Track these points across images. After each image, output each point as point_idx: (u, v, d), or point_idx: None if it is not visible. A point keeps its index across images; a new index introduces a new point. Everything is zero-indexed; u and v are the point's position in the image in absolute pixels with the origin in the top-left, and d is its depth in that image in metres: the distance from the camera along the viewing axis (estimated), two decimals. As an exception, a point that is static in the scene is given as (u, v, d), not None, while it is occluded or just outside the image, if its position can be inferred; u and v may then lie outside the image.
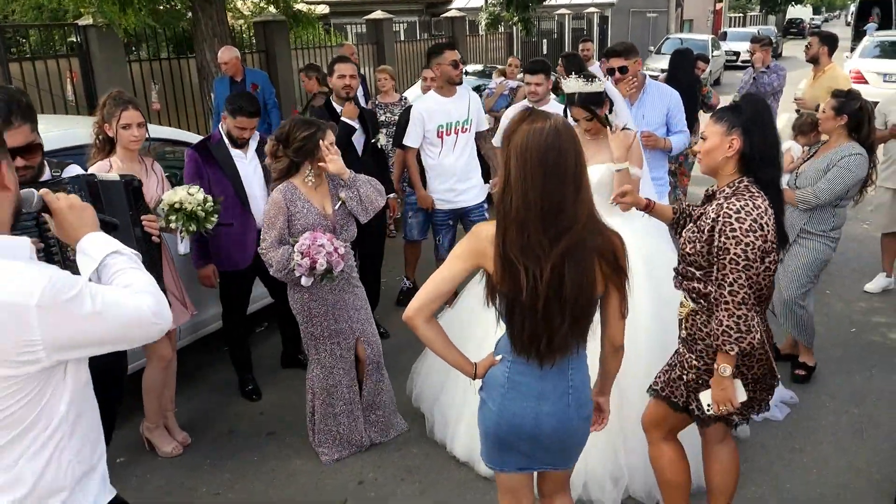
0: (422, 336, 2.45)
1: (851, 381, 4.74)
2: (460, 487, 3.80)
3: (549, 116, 2.22)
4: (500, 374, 2.43)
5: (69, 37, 9.01)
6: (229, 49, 7.93)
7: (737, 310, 2.62)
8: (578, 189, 2.19)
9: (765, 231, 2.61)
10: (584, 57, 9.97)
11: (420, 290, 2.42)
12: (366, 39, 14.11)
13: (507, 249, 2.20)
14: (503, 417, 2.41)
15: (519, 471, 2.55)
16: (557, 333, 2.25)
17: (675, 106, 5.01)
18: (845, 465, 3.90)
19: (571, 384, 2.41)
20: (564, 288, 2.19)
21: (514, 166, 2.18)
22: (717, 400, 2.79)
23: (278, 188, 3.77)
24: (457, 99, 5.43)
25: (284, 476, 3.96)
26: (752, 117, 2.72)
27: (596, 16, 25.67)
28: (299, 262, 3.60)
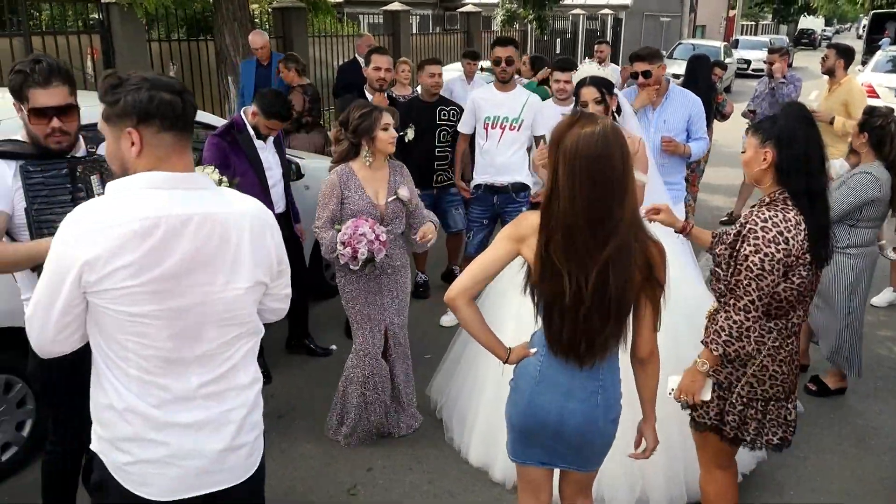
0: (461, 317, 2.46)
1: (857, 392, 4.79)
2: (468, 479, 3.84)
3: (597, 120, 2.21)
4: (532, 367, 2.45)
5: (92, 13, 9.03)
6: (262, 34, 8.04)
7: (736, 314, 2.64)
8: (625, 193, 2.18)
9: (789, 245, 2.60)
10: (599, 59, 10.00)
11: (464, 272, 2.43)
12: (381, 30, 14.12)
13: (550, 252, 2.20)
14: (530, 409, 2.43)
15: (541, 465, 2.57)
16: (599, 337, 2.26)
17: (697, 112, 5.03)
18: (849, 473, 3.95)
19: (601, 384, 2.41)
20: (608, 292, 2.20)
21: (562, 171, 2.17)
22: (681, 388, 2.82)
23: (336, 170, 3.85)
24: (513, 96, 5.42)
25: (294, 459, 4.01)
26: (787, 128, 2.70)
27: (610, 17, 25.65)
28: (342, 252, 3.67)
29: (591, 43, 16.89)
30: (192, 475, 2.00)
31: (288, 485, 3.80)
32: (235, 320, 2.03)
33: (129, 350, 1.89)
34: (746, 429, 2.85)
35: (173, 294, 1.87)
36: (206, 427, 2.00)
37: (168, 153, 1.91)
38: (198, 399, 1.98)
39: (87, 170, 2.76)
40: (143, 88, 1.88)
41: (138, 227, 1.81)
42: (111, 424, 1.95)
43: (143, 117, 1.87)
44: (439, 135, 5.78)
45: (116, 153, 1.94)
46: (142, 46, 8.88)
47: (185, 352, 1.94)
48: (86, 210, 1.85)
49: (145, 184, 1.88)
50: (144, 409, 1.92)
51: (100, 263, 1.78)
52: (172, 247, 1.85)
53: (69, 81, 2.74)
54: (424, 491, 3.77)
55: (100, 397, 1.96)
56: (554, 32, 21.41)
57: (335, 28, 13.40)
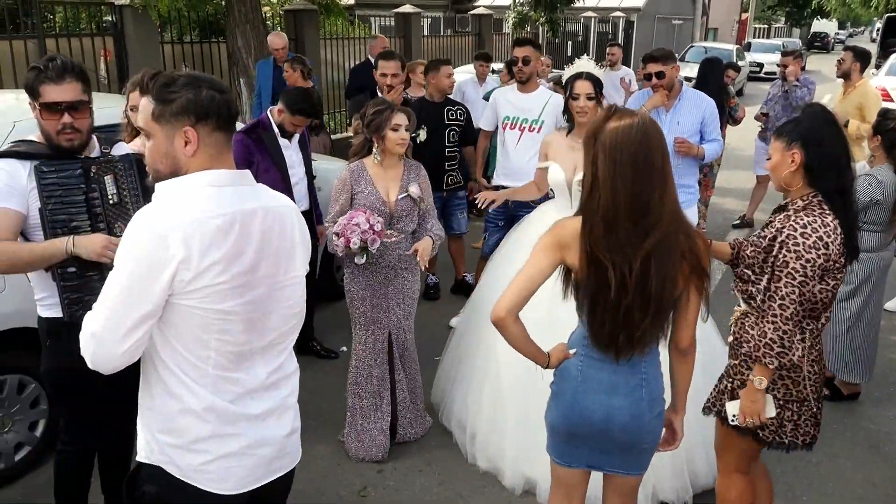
0: (510, 335, 2.37)
1: (870, 397, 4.77)
2: (478, 481, 3.84)
3: (634, 114, 2.23)
4: (573, 368, 2.44)
5: (105, 15, 9.09)
6: (281, 35, 8.16)
7: (784, 324, 2.60)
8: (665, 186, 2.20)
9: (829, 250, 2.58)
10: (611, 62, 9.99)
11: (508, 290, 2.33)
12: (393, 33, 14.13)
13: (593, 246, 2.20)
14: (574, 411, 2.42)
15: (588, 468, 2.54)
16: (638, 329, 2.27)
17: (710, 114, 5.02)
18: (861, 478, 3.93)
19: (644, 377, 2.41)
20: (649, 284, 2.20)
21: (602, 164, 2.18)
22: (744, 411, 2.75)
23: (349, 166, 3.89)
24: (533, 97, 5.41)
25: (305, 460, 3.95)
26: (811, 128, 2.69)
27: (622, 20, 25.61)
28: (336, 243, 3.68)
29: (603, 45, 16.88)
30: (266, 463, 2.07)
31: (298, 486, 3.77)
32: (294, 308, 2.12)
33: (212, 348, 1.91)
34: (784, 431, 2.83)
35: (250, 287, 1.93)
36: (272, 415, 2.08)
37: (220, 151, 1.96)
38: (263, 389, 2.05)
39: (100, 170, 2.78)
40: (203, 87, 1.90)
41: (221, 223, 1.85)
42: (187, 429, 1.94)
43: (201, 116, 1.89)
44: (448, 135, 5.79)
45: (168, 152, 1.93)
46: (154, 48, 8.93)
47: (255, 344, 2.00)
48: (161, 210, 1.84)
49: (208, 181, 1.91)
50: (222, 406, 1.95)
51: (195, 261, 1.80)
52: (247, 241, 1.91)
53: (82, 79, 2.76)
54: (434, 493, 3.77)
55: (171, 405, 1.94)
56: (566, 35, 21.39)
57: (346, 30, 13.43)
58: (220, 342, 1.91)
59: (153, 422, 1.99)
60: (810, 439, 2.86)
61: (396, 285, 3.95)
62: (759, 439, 2.86)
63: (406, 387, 4.11)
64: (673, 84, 4.97)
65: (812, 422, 2.85)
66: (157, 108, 1.91)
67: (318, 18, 11.38)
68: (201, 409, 1.93)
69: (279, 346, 2.11)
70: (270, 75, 7.79)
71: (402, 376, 4.09)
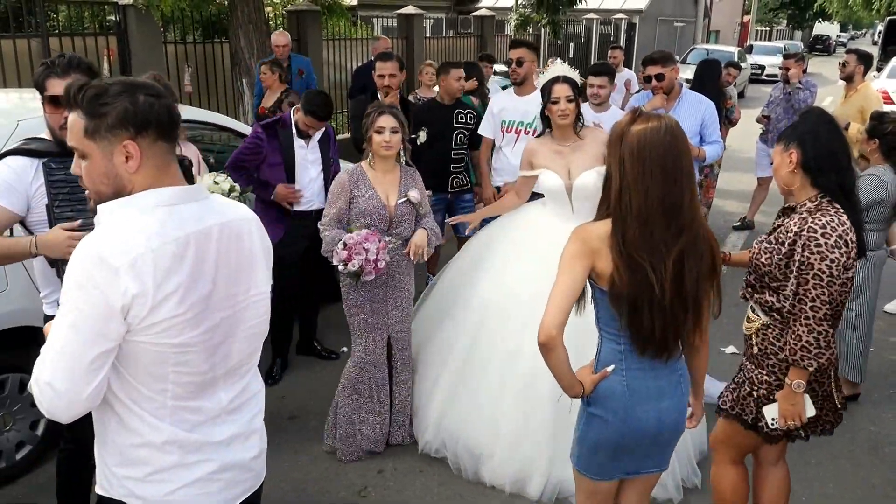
0: (556, 356, 2.28)
1: (869, 399, 4.77)
2: (478, 482, 3.84)
3: (661, 117, 2.27)
4: (617, 385, 2.37)
5: (109, 15, 9.10)
6: (284, 34, 8.17)
7: (818, 325, 2.60)
8: (693, 188, 2.26)
9: (849, 248, 2.60)
10: (613, 64, 10.00)
11: (550, 307, 2.25)
12: (395, 34, 14.15)
13: (628, 249, 2.21)
14: (627, 426, 2.38)
15: (626, 475, 2.54)
16: (683, 328, 2.30)
17: (709, 116, 5.03)
18: (861, 480, 3.94)
19: (680, 373, 2.45)
20: (685, 283, 2.23)
21: (630, 166, 2.21)
22: (785, 415, 2.76)
23: (346, 169, 3.88)
24: (530, 100, 5.33)
25: (306, 460, 4.03)
26: (808, 129, 2.74)
27: (624, 22, 25.60)
28: (338, 251, 3.62)
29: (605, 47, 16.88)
30: (231, 486, 1.97)
31: (299, 487, 3.82)
32: (258, 328, 1.99)
33: (169, 381, 1.77)
34: (807, 425, 2.85)
35: (210, 313, 1.79)
36: (238, 439, 1.97)
37: (165, 163, 1.78)
38: (227, 414, 1.93)
39: None
40: (139, 94, 1.72)
41: (176, 249, 1.70)
42: (147, 461, 1.82)
43: (141, 126, 1.71)
44: (456, 137, 5.78)
45: (109, 171, 1.74)
46: (157, 48, 8.94)
47: (217, 371, 1.87)
48: (109, 238, 1.67)
49: (155, 201, 1.74)
50: (183, 436, 1.83)
51: (150, 294, 1.65)
52: (204, 264, 1.77)
53: (89, 74, 2.79)
54: (435, 493, 3.78)
55: (127, 438, 1.81)
56: (568, 37, 21.38)
57: (349, 31, 13.44)
58: (177, 374, 1.77)
59: (108, 455, 1.86)
60: (830, 427, 2.95)
61: (393, 289, 3.95)
62: (792, 438, 2.92)
63: (402, 391, 4.10)
64: (673, 86, 4.98)
65: (833, 410, 2.91)
66: (90, 123, 1.71)
67: (320, 19, 11.39)
68: (161, 443, 1.81)
69: (243, 369, 1.99)
70: None
71: (399, 381, 4.08)
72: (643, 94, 5.24)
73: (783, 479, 3.13)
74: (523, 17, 18.05)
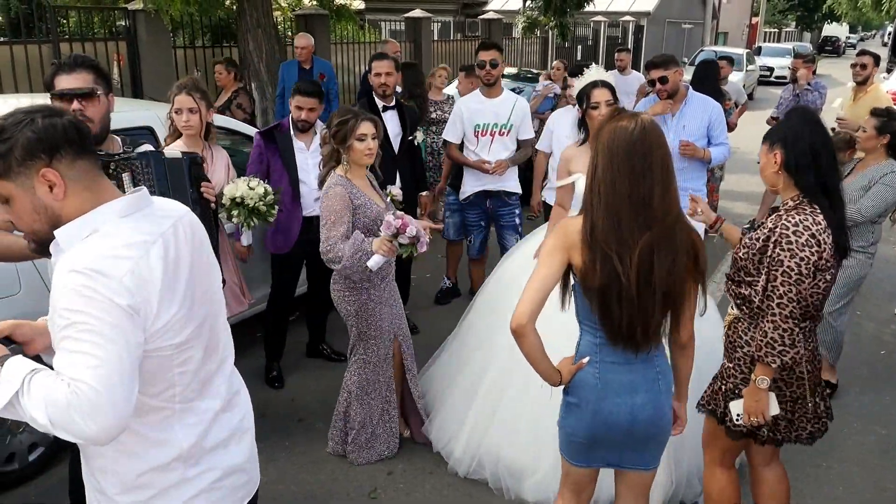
0: (529, 344, 2.35)
1: (880, 402, 4.76)
2: (487, 483, 3.84)
3: (636, 115, 2.33)
4: (590, 376, 2.45)
5: (118, 20, 9.16)
6: (306, 36, 8.23)
7: (783, 322, 2.63)
8: (667, 184, 2.28)
9: (821, 248, 2.62)
10: (620, 67, 10.01)
11: (524, 296, 2.32)
12: (403, 37, 14.18)
13: (597, 240, 2.27)
14: (598, 418, 2.44)
15: (606, 466, 2.60)
16: (652, 320, 2.33)
17: (716, 117, 5.03)
18: (871, 483, 3.92)
19: (659, 370, 2.47)
20: (654, 276, 2.26)
21: (601, 161, 2.29)
22: (748, 411, 2.78)
23: (337, 183, 3.69)
24: (500, 102, 5.48)
25: (315, 462, 4.04)
26: (790, 128, 2.77)
27: (631, 24, 25.58)
28: (390, 222, 3.52)
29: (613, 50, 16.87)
30: (232, 492, 1.97)
31: (308, 488, 3.83)
32: (225, 315, 2.02)
33: (175, 384, 1.77)
34: (778, 429, 2.87)
35: (195, 307, 1.79)
36: (233, 440, 1.96)
37: (94, 180, 1.71)
38: (222, 413, 1.93)
39: (119, 167, 2.84)
40: (37, 118, 1.63)
41: (157, 253, 1.69)
42: (150, 483, 1.82)
43: (52, 150, 1.63)
44: None
45: (37, 206, 1.66)
46: (167, 53, 9.00)
47: (211, 363, 1.89)
48: (97, 256, 1.61)
49: (118, 212, 1.71)
50: (186, 447, 1.82)
51: (153, 301, 1.65)
52: (181, 262, 1.76)
53: (96, 71, 2.88)
54: (444, 495, 3.79)
55: (132, 466, 1.80)
56: (575, 39, 21.38)
57: (357, 35, 13.48)
58: (182, 374, 1.78)
59: (109, 485, 1.83)
60: (807, 435, 2.90)
61: (392, 293, 3.97)
62: (756, 438, 2.90)
63: (416, 383, 4.14)
64: (677, 89, 4.99)
65: (808, 418, 2.88)
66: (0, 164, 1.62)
67: (328, 23, 11.43)
68: (168, 461, 1.80)
69: (228, 361, 2.01)
70: (295, 77, 7.85)
71: (411, 374, 4.11)
72: (650, 98, 5.24)
73: (778, 480, 3.10)
74: (531, 20, 18.06)
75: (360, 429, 3.99)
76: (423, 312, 6.09)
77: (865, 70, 6.98)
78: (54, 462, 3.84)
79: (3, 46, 7.61)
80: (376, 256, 3.57)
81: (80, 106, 2.79)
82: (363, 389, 3.95)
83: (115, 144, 3.02)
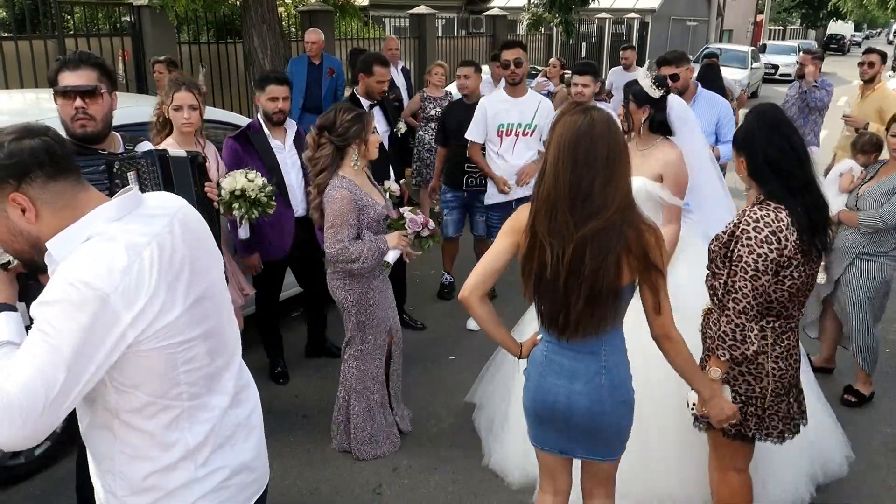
0: (475, 315, 2.59)
1: (885, 401, 4.74)
2: (493, 480, 3.85)
3: (590, 110, 2.35)
4: (539, 353, 2.59)
5: (124, 16, 9.16)
6: (316, 31, 8.21)
7: (736, 317, 2.66)
8: (610, 177, 2.29)
9: (781, 244, 2.62)
10: (625, 64, 10.00)
11: (474, 270, 2.56)
12: (408, 34, 14.18)
13: (536, 229, 2.36)
14: (539, 393, 2.55)
15: (559, 453, 2.65)
16: (573, 311, 2.36)
17: (725, 115, 5.03)
18: (878, 482, 3.92)
19: (605, 365, 2.49)
20: (584, 269, 2.30)
21: (551, 153, 2.35)
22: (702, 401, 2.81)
23: (342, 186, 3.66)
24: (524, 101, 5.40)
25: (320, 458, 4.04)
26: (746, 134, 2.78)
27: (636, 22, 25.55)
28: (413, 217, 3.80)
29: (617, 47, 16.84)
30: (241, 490, 1.95)
31: (313, 485, 3.83)
32: (232, 309, 1.99)
33: (182, 382, 1.75)
34: (748, 424, 2.87)
35: (198, 303, 1.76)
36: (239, 438, 1.94)
37: (73, 195, 1.68)
38: (231, 409, 1.90)
39: (123, 166, 2.83)
40: (6, 142, 1.61)
41: (151, 255, 1.65)
42: (158, 485, 1.81)
43: (20, 174, 1.60)
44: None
45: (12, 230, 1.65)
46: (172, 49, 8.98)
47: (218, 360, 1.86)
48: (86, 266, 1.58)
49: (105, 221, 1.68)
50: (197, 443, 1.81)
51: (148, 307, 1.62)
52: (179, 260, 1.73)
53: (100, 69, 2.87)
54: (449, 491, 3.78)
55: (139, 467, 1.79)
56: (580, 36, 21.37)
57: (361, 31, 13.47)
58: (188, 372, 1.75)
59: (118, 487, 1.82)
60: (777, 434, 2.90)
61: (387, 282, 4.00)
62: (724, 432, 2.90)
63: (395, 379, 4.19)
64: (687, 86, 4.97)
65: (779, 417, 2.88)
66: None
67: (332, 19, 11.42)
68: (175, 461, 1.79)
69: (237, 355, 1.98)
70: (304, 73, 7.83)
71: (396, 368, 4.16)
72: None
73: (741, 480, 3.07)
74: (535, 17, 18.04)
75: (363, 423, 4.01)
76: (427, 308, 6.10)
77: (873, 68, 6.89)
78: (60, 457, 3.84)
79: (9, 42, 7.61)
80: (394, 251, 3.72)
81: (83, 103, 2.79)
82: (361, 382, 3.98)
83: (116, 142, 3.00)
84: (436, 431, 4.29)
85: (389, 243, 3.72)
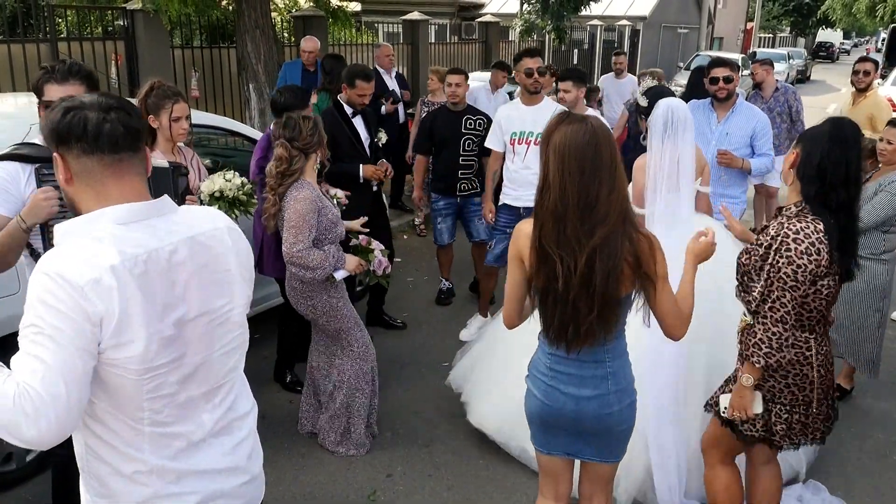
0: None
1: (878, 406, 4.77)
2: (487, 486, 3.86)
3: (585, 118, 2.36)
4: (543, 364, 2.58)
5: (116, 20, 9.13)
6: (312, 39, 8.26)
7: (773, 326, 2.69)
8: (613, 185, 2.31)
9: (820, 256, 2.64)
10: (617, 70, 10.03)
11: (504, 305, 2.61)
12: (401, 39, 14.19)
13: (543, 242, 2.34)
14: (548, 400, 2.56)
15: (566, 455, 2.66)
16: (584, 322, 2.36)
17: (761, 128, 5.01)
18: (870, 487, 3.93)
19: (610, 370, 2.51)
20: (594, 279, 2.31)
21: (552, 164, 2.32)
22: (733, 405, 2.88)
23: (306, 187, 3.77)
24: (539, 109, 5.28)
25: (314, 463, 4.03)
26: (813, 136, 2.79)
27: (627, 29, 25.62)
28: (382, 261, 4.06)
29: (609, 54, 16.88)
30: None
31: (307, 491, 3.82)
32: (237, 341, 1.90)
33: (145, 408, 1.68)
34: (793, 433, 2.91)
35: (180, 333, 1.71)
36: (212, 468, 1.85)
37: (100, 180, 1.68)
38: (213, 437, 1.84)
39: None
40: (60, 108, 1.68)
41: (139, 269, 1.62)
42: (124, 493, 1.75)
43: (60, 139, 1.66)
44: (464, 144, 5.78)
45: (62, 187, 1.75)
46: (165, 53, 8.96)
47: (193, 390, 1.77)
48: (68, 259, 1.58)
49: (111, 220, 1.66)
50: (160, 464, 1.74)
51: (115, 316, 1.58)
52: (172, 283, 1.68)
53: (88, 83, 2.80)
54: (443, 497, 3.78)
55: (102, 469, 1.75)
56: (572, 43, 21.43)
57: (353, 37, 13.47)
58: (152, 400, 1.68)
59: (89, 485, 1.81)
60: (819, 436, 2.97)
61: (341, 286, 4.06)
62: (772, 444, 2.95)
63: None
64: (734, 92, 5.00)
65: (822, 418, 2.94)
66: None
67: (325, 25, 11.41)
68: (131, 472, 1.73)
69: (225, 388, 1.88)
70: (298, 78, 7.83)
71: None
72: (705, 102, 5.22)
73: (774, 478, 3.15)
74: (528, 24, 18.09)
75: (359, 421, 4.09)
76: (423, 314, 6.10)
77: (868, 77, 6.89)
78: (51, 463, 3.80)
79: (1, 45, 7.57)
80: (342, 271, 3.85)
81: None
82: (362, 380, 4.05)
83: None
84: (430, 438, 4.29)
85: (347, 265, 3.86)
